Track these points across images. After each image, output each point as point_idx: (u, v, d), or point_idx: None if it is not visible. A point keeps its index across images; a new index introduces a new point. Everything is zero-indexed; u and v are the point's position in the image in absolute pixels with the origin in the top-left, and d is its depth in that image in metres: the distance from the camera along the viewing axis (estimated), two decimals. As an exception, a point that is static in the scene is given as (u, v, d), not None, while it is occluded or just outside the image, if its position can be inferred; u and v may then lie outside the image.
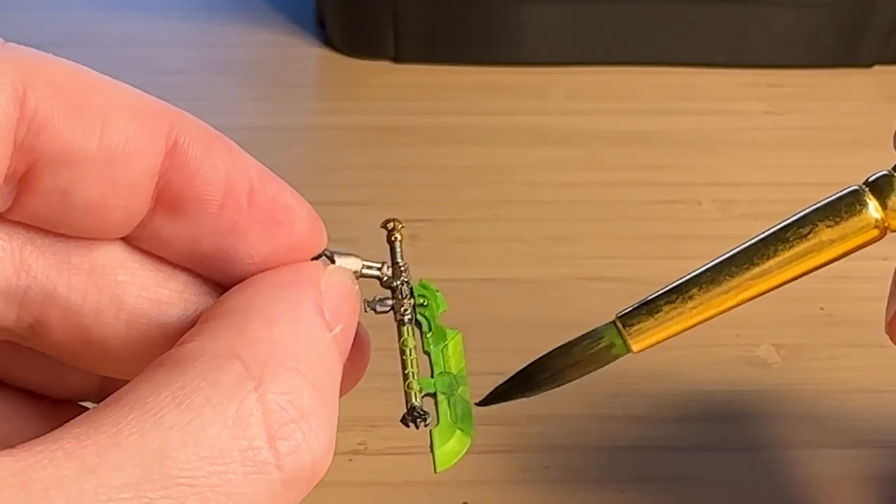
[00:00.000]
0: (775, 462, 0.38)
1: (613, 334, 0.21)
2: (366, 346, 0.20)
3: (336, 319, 0.18)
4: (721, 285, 0.21)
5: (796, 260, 0.21)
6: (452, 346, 0.21)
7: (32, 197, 0.17)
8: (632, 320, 0.21)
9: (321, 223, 0.19)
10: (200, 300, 0.19)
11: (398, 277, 0.21)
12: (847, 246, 0.21)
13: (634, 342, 0.21)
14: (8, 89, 0.16)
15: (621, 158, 0.56)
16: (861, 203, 0.21)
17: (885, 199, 0.21)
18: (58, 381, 0.21)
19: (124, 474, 0.14)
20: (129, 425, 0.15)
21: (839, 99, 0.62)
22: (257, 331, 0.17)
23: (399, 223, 0.21)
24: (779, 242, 0.21)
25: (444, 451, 0.20)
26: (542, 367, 0.22)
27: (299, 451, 0.16)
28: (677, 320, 0.21)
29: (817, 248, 0.21)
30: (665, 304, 0.21)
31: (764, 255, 0.21)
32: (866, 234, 0.21)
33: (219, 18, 0.67)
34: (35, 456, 0.14)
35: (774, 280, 0.21)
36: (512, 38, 0.62)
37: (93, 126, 0.16)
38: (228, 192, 0.18)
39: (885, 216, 0.21)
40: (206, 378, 0.15)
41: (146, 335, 0.18)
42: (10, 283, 0.18)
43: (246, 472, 0.15)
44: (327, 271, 0.19)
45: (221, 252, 0.18)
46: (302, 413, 0.16)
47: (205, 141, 0.18)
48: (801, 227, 0.21)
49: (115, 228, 0.18)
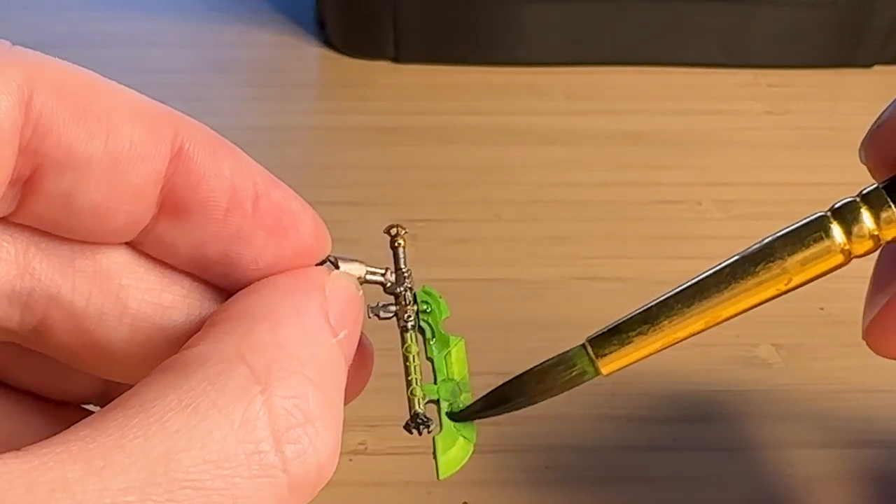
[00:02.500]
0: (775, 462, 0.38)
1: (584, 360, 0.22)
2: (369, 355, 0.20)
3: (341, 324, 0.18)
4: (690, 314, 0.21)
5: (762, 286, 0.21)
6: (455, 352, 0.21)
7: (37, 200, 0.17)
8: (602, 349, 0.22)
9: (325, 229, 0.19)
10: (204, 305, 0.19)
11: (401, 283, 0.21)
12: (812, 272, 0.21)
13: (604, 366, 0.22)
14: (14, 93, 0.16)
15: (621, 158, 0.56)
16: (826, 230, 0.21)
17: (850, 225, 0.21)
18: (61, 383, 0.21)
19: (129, 477, 0.14)
20: (135, 428, 0.15)
21: (839, 99, 0.62)
22: (263, 335, 0.17)
23: (402, 229, 0.21)
24: (745, 269, 0.21)
25: (447, 458, 0.20)
26: (515, 389, 0.22)
27: (305, 454, 0.16)
28: (646, 346, 0.22)
29: (783, 275, 0.21)
30: (635, 333, 0.22)
31: (730, 283, 0.21)
32: (831, 260, 0.21)
33: (219, 18, 0.67)
34: (40, 458, 0.14)
35: (742, 306, 0.21)
36: (512, 38, 0.62)
37: (98, 130, 0.16)
38: (233, 198, 0.18)
39: (850, 243, 0.21)
40: (212, 382, 0.15)
41: (149, 339, 0.18)
42: (15, 285, 0.18)
43: (252, 476, 0.15)
44: (331, 276, 0.19)
45: (226, 257, 0.18)
46: (308, 417, 0.16)
47: (210, 146, 0.18)
48: (768, 256, 0.21)
49: (120, 233, 0.18)
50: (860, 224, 0.21)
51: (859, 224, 0.21)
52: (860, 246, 0.21)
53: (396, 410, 0.21)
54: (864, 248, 0.21)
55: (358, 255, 0.20)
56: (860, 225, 0.21)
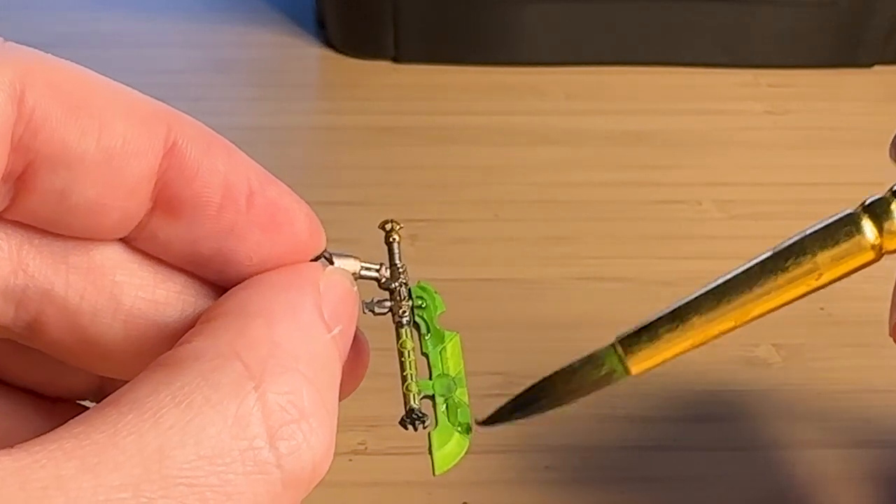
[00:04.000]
0: (775, 462, 0.38)
1: (613, 359, 0.22)
2: (364, 351, 0.20)
3: (335, 320, 0.18)
4: (721, 311, 0.21)
5: (794, 284, 0.21)
6: (451, 347, 0.21)
7: (30, 196, 0.17)
8: (632, 346, 0.22)
9: (320, 225, 0.19)
10: (198, 301, 0.19)
11: (396, 279, 0.21)
12: (844, 269, 0.21)
13: (633, 366, 0.22)
14: (6, 88, 0.16)
15: (621, 158, 0.56)
16: (857, 227, 0.21)
17: (882, 222, 0.21)
18: (56, 379, 0.21)
19: (123, 474, 0.14)
20: (129, 425, 0.15)
21: (839, 99, 0.62)
22: (257, 331, 0.17)
23: (397, 224, 0.21)
24: (777, 267, 0.21)
25: (442, 453, 0.20)
26: (544, 391, 0.22)
27: (300, 451, 0.16)
28: (677, 345, 0.21)
29: (815, 272, 0.21)
30: (665, 330, 0.21)
31: (762, 282, 0.21)
32: (863, 257, 0.21)
33: (219, 18, 0.67)
34: (33, 455, 0.14)
35: (772, 304, 0.21)
36: (512, 38, 0.62)
37: (90, 127, 0.16)
38: (227, 195, 0.18)
39: (881, 239, 0.21)
40: (206, 378, 0.15)
41: (144, 335, 0.18)
42: (8, 281, 0.18)
43: (246, 472, 0.15)
44: (326, 272, 0.19)
45: (220, 254, 0.18)
46: (302, 413, 0.16)
47: (203, 143, 0.17)
48: (799, 252, 0.21)
49: (113, 229, 0.18)
50: (892, 220, 0.21)
51: (891, 220, 0.21)
52: (892, 242, 0.21)
53: (396, 410, 0.21)
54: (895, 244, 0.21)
55: (358, 254, 0.20)
56: (892, 221, 0.21)
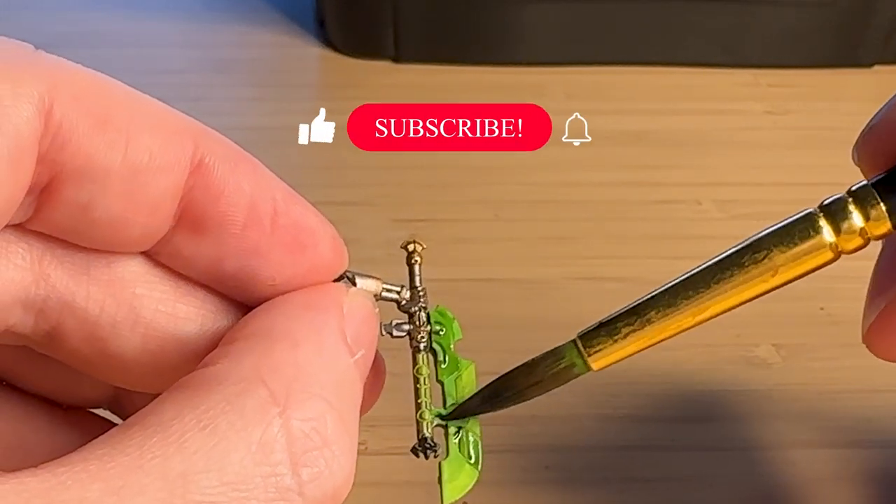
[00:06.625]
0: (775, 462, 0.38)
1: (573, 354, 0.22)
2: (382, 372, 0.20)
3: (358, 344, 0.18)
4: (678, 308, 0.21)
5: (751, 283, 0.21)
6: (466, 376, 0.21)
7: (54, 209, 0.17)
8: (592, 342, 0.22)
9: (343, 245, 0.19)
10: (218, 318, 0.19)
11: (416, 303, 0.21)
12: (802, 269, 0.21)
13: (594, 361, 0.22)
14: (35, 102, 0.15)
15: (621, 158, 0.55)
16: (815, 227, 0.21)
17: (839, 222, 0.21)
18: (71, 388, 0.21)
19: (147, 498, 0.14)
20: (154, 448, 0.15)
21: (839, 99, 0.62)
22: (282, 355, 0.16)
23: (420, 245, 0.21)
24: (734, 266, 0.21)
25: (453, 485, 0.20)
26: (507, 384, 0.22)
27: (322, 478, 0.16)
28: (636, 341, 0.22)
29: (771, 271, 0.21)
30: (624, 325, 0.21)
31: (719, 279, 0.21)
32: (819, 257, 0.21)
33: (219, 18, 0.67)
34: (59, 477, 0.14)
35: (730, 302, 0.21)
36: (512, 38, 0.62)
37: (117, 141, 0.16)
38: (251, 214, 0.18)
39: (839, 240, 0.21)
40: (230, 402, 0.15)
41: (162, 349, 0.18)
42: (30, 291, 0.18)
43: (268, 499, 0.15)
44: (349, 294, 0.19)
45: (243, 273, 0.18)
46: (325, 440, 0.16)
47: (230, 160, 0.17)
48: (756, 251, 0.21)
49: (136, 243, 0.18)
50: (849, 221, 0.21)
51: (848, 221, 0.21)
52: (849, 243, 0.21)
53: (397, 410, 0.21)
54: (852, 244, 0.21)
55: (358, 254, 0.20)
56: (849, 222, 0.21)
